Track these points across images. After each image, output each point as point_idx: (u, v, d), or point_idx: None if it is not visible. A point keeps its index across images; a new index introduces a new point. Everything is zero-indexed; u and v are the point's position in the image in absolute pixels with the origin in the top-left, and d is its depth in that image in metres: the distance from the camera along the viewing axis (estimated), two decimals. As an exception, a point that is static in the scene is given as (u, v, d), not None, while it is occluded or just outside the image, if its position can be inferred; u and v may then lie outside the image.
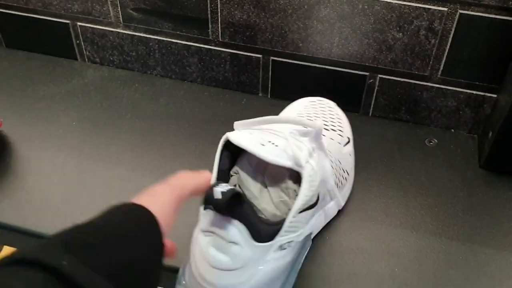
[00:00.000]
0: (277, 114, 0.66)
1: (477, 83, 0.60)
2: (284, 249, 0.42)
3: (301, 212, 0.43)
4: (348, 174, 0.54)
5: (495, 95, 0.60)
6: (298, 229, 0.43)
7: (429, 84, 0.62)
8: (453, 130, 0.65)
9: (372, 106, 0.66)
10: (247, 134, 0.43)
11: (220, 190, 0.38)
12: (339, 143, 0.54)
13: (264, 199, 0.44)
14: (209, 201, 0.38)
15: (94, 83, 0.72)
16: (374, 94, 0.65)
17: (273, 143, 0.42)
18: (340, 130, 0.55)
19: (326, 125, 0.54)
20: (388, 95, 0.64)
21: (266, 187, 0.45)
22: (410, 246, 0.51)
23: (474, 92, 0.61)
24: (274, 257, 0.42)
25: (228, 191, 0.38)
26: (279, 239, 0.41)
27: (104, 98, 0.69)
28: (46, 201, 0.54)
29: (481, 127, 0.63)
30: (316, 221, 0.49)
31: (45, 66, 0.75)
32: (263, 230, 0.41)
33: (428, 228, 0.52)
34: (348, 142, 0.55)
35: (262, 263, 0.41)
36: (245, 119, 0.48)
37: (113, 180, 0.57)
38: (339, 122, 0.56)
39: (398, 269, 0.48)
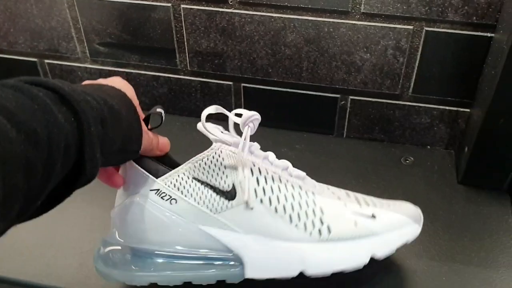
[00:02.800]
0: (252, 140, 0.65)
1: (449, 98, 0.60)
2: (164, 199, 0.43)
3: (201, 182, 0.43)
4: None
5: (468, 110, 0.60)
6: (182, 197, 0.43)
7: (400, 103, 0.61)
8: (429, 147, 0.64)
9: (345, 127, 0.65)
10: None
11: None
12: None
13: None
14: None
15: (64, 120, 0.70)
16: (347, 116, 0.64)
17: None
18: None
19: None
20: (361, 115, 0.64)
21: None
22: (389, 269, 0.49)
23: (447, 107, 0.61)
24: (153, 199, 0.43)
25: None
26: (159, 182, 0.43)
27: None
28: (17, 245, 0.52)
29: (457, 142, 0.63)
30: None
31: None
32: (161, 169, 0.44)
33: (408, 248, 0.51)
34: None
35: (139, 196, 0.43)
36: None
37: (85, 219, 0.55)
38: None
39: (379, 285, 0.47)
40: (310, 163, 0.62)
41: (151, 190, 0.43)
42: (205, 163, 0.43)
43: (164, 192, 0.43)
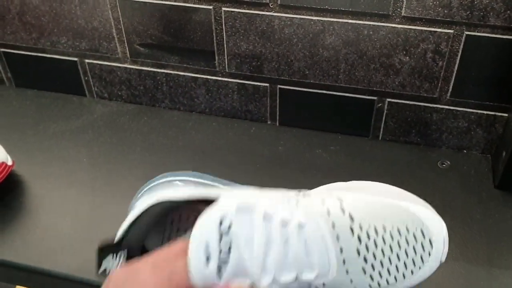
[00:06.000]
0: (287, 141, 0.66)
1: (487, 103, 0.60)
2: None
3: None
4: None
5: (506, 114, 0.60)
6: None
7: (438, 106, 0.61)
8: (465, 151, 0.64)
9: (381, 130, 0.66)
10: None
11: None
12: None
13: None
14: None
15: (103, 119, 0.72)
16: (383, 118, 0.64)
17: None
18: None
19: None
20: (398, 118, 0.64)
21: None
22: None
23: (485, 112, 0.60)
24: None
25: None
26: None
27: (114, 133, 0.69)
28: (59, 239, 0.54)
29: (494, 147, 0.62)
30: None
31: (54, 104, 0.75)
32: None
33: (451, 257, 0.51)
34: None
35: None
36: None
37: (126, 215, 0.57)
38: None
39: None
40: (345, 166, 0.63)
41: None
42: None
43: None
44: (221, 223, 0.38)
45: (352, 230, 0.42)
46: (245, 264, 0.38)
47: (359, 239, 0.42)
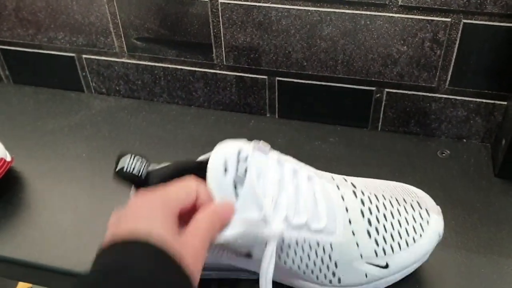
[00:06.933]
0: (286, 134, 0.66)
1: (486, 91, 0.60)
2: None
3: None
4: None
5: (505, 103, 0.60)
6: None
7: (437, 95, 0.61)
8: (465, 140, 0.64)
9: (380, 120, 0.65)
10: None
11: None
12: None
13: None
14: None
15: (102, 114, 0.72)
16: (382, 109, 0.64)
17: None
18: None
19: None
20: (396, 108, 0.64)
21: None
22: (429, 261, 0.49)
23: (484, 100, 0.60)
24: None
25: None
26: None
27: (112, 127, 0.69)
28: (60, 235, 0.54)
29: (493, 136, 0.62)
30: None
31: (52, 100, 0.75)
32: None
33: (446, 241, 0.51)
34: None
35: None
36: (254, 140, 0.46)
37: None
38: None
39: (419, 285, 0.47)
40: (344, 157, 0.62)
41: None
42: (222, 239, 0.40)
43: None
44: (239, 153, 0.40)
45: (355, 194, 0.45)
46: (258, 194, 0.39)
47: (362, 202, 0.44)
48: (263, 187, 0.40)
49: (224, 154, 0.40)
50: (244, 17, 0.61)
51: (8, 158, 0.59)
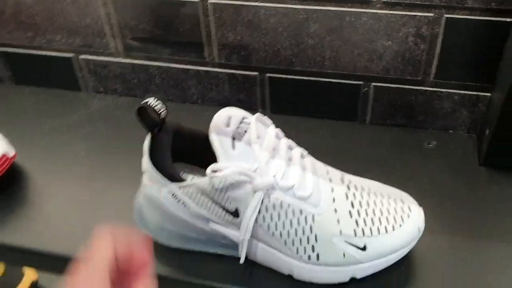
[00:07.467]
0: (277, 127, 0.68)
1: (470, 83, 0.61)
2: (177, 200, 0.47)
3: (209, 198, 0.45)
4: None
5: (488, 94, 0.61)
6: (194, 205, 0.46)
7: (422, 88, 0.63)
8: (451, 131, 0.66)
9: (368, 114, 0.67)
10: None
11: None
12: None
13: None
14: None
15: (100, 112, 0.74)
16: (370, 102, 0.66)
17: None
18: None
19: None
20: (383, 102, 0.66)
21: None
22: (416, 249, 0.51)
23: (468, 92, 0.62)
24: (166, 196, 0.47)
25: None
26: (172, 184, 0.46)
27: (110, 126, 0.72)
28: (61, 224, 0.56)
29: (478, 126, 0.64)
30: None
31: (52, 100, 0.78)
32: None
33: (433, 229, 0.53)
34: None
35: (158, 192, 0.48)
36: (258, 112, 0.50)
37: (125, 200, 0.59)
38: None
39: (404, 269, 0.49)
40: (333, 150, 0.64)
41: (168, 191, 0.47)
42: (214, 185, 0.44)
43: (179, 197, 0.47)
44: (243, 117, 0.47)
45: (342, 180, 0.48)
46: (255, 150, 0.44)
47: (348, 187, 0.47)
48: (260, 147, 0.44)
49: (230, 113, 0.46)
50: (233, 16, 0.63)
51: (11, 154, 0.61)
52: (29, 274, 0.93)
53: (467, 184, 0.58)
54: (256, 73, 0.68)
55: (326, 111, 0.69)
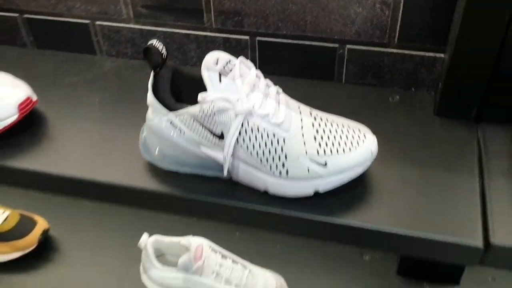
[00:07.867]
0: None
1: (428, 45, 0.72)
2: (175, 127, 0.58)
3: (200, 123, 0.56)
4: None
5: (442, 55, 0.72)
6: (188, 130, 0.57)
7: (388, 50, 0.74)
8: (413, 89, 0.76)
9: (344, 74, 0.78)
10: None
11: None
12: None
13: None
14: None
15: (112, 72, 0.85)
16: (345, 63, 0.77)
17: None
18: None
19: None
20: (356, 63, 0.76)
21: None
22: (371, 174, 0.61)
23: (427, 54, 0.73)
24: (166, 125, 0.58)
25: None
26: (170, 113, 0.58)
27: (121, 82, 0.82)
28: (79, 156, 0.67)
29: (436, 84, 0.75)
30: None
31: (69, 62, 0.89)
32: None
33: (386, 160, 0.63)
34: None
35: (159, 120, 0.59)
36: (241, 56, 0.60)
37: (132, 137, 0.69)
38: None
39: (361, 187, 0.59)
40: (313, 104, 0.74)
41: (167, 119, 0.59)
42: (204, 111, 0.55)
43: (176, 124, 0.58)
44: (229, 60, 0.57)
45: (310, 113, 0.59)
46: (238, 84, 0.55)
47: (315, 118, 0.58)
48: (242, 83, 0.55)
49: (218, 55, 0.57)
50: (229, -15, 0.74)
51: (34, 98, 0.72)
52: (41, 223, 1.03)
53: (421, 128, 0.69)
54: (247, 37, 0.79)
55: (308, 72, 0.79)
